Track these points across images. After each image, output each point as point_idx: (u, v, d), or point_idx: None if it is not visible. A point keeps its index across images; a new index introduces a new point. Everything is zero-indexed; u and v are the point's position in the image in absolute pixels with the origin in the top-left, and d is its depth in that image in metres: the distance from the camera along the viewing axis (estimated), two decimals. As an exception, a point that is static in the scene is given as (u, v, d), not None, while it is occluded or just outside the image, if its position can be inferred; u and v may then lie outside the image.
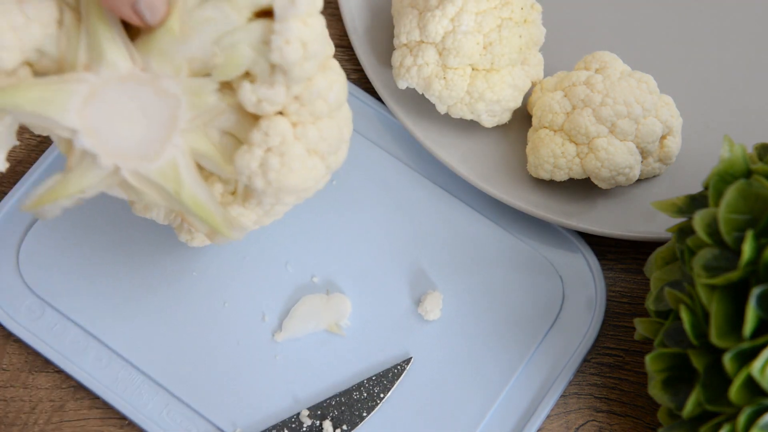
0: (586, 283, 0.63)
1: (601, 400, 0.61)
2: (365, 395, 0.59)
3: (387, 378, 0.59)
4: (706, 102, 0.67)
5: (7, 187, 0.65)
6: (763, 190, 0.48)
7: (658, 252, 0.56)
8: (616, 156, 0.60)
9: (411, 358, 0.60)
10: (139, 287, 0.62)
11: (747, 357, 0.47)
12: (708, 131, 0.66)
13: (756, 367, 0.46)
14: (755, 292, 0.47)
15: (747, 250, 0.47)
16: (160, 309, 0.61)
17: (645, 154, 0.62)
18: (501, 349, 0.61)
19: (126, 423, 0.60)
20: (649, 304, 0.55)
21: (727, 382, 0.48)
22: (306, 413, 0.59)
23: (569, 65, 0.67)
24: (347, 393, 0.59)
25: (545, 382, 0.60)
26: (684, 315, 0.50)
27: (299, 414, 0.59)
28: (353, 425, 0.59)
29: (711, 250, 0.49)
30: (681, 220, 0.61)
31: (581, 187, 0.64)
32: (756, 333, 0.47)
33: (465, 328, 0.62)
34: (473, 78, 0.62)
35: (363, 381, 0.59)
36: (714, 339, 0.48)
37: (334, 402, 0.59)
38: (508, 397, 0.60)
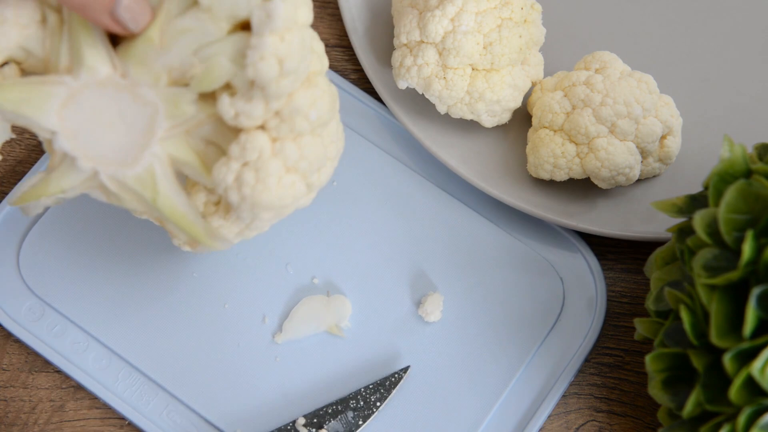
0: (586, 284, 0.63)
1: (601, 400, 0.61)
2: (362, 404, 0.59)
3: (384, 387, 0.59)
4: (706, 102, 0.67)
5: (8, 187, 0.65)
6: (763, 190, 0.48)
7: (658, 252, 0.56)
8: (616, 156, 0.60)
9: (408, 366, 0.60)
10: (140, 289, 0.62)
11: (747, 357, 0.47)
12: (708, 131, 0.66)
13: (756, 367, 0.46)
14: (755, 292, 0.47)
15: (747, 250, 0.47)
16: (160, 310, 0.61)
17: (645, 154, 0.62)
18: (502, 351, 0.61)
19: (126, 423, 0.60)
20: (649, 304, 0.55)
21: (727, 382, 0.48)
22: (302, 421, 0.59)
23: (569, 65, 0.67)
24: (344, 401, 0.59)
25: (546, 382, 0.60)
26: (684, 315, 0.50)
27: (295, 422, 0.59)
28: None
29: (711, 250, 0.49)
30: (681, 220, 0.61)
31: (581, 187, 0.64)
32: (756, 333, 0.47)
33: (466, 329, 0.61)
34: (473, 78, 0.62)
35: (360, 389, 0.59)
36: (714, 339, 0.48)
37: (330, 410, 0.59)
38: (508, 399, 0.60)
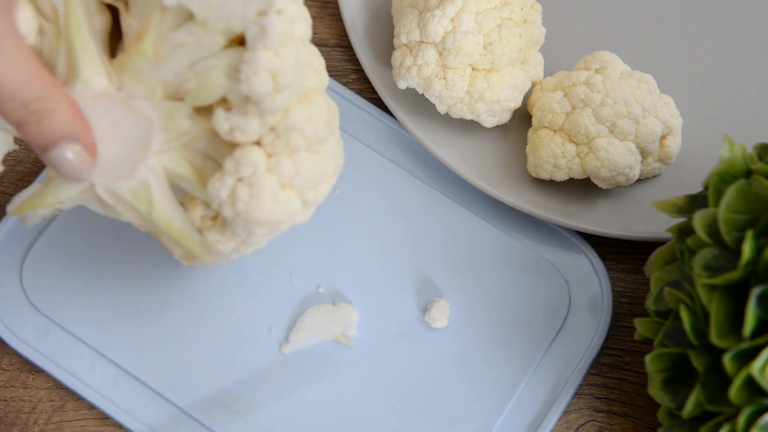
0: (591, 285, 0.62)
1: (601, 400, 0.61)
2: None
3: None
4: (706, 102, 0.67)
5: (8, 187, 0.65)
6: (763, 190, 0.48)
7: (658, 252, 0.56)
8: (616, 156, 0.60)
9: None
10: (145, 303, 0.61)
11: (747, 357, 0.47)
12: (708, 131, 0.66)
13: (756, 367, 0.46)
14: (755, 292, 0.47)
15: (747, 250, 0.47)
16: (166, 324, 0.61)
17: (645, 154, 0.62)
18: (510, 355, 0.61)
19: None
20: (649, 304, 0.55)
21: (727, 382, 0.48)
22: None
23: (569, 65, 0.67)
24: None
25: (556, 385, 0.60)
26: (684, 315, 0.50)
27: None
28: None
29: (711, 250, 0.49)
30: (681, 220, 0.61)
31: (581, 187, 0.64)
32: (756, 333, 0.47)
33: (472, 335, 0.61)
34: (473, 78, 0.62)
35: None
36: (714, 339, 0.48)
37: None
38: (517, 404, 0.60)
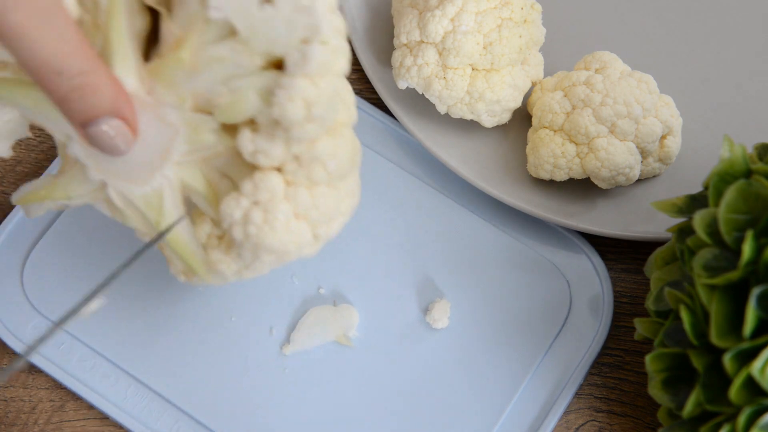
0: (592, 285, 0.62)
1: (601, 400, 0.61)
2: None
3: None
4: (706, 102, 0.67)
5: (7, 187, 0.65)
6: (763, 190, 0.48)
7: (658, 252, 0.56)
8: (616, 156, 0.60)
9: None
10: (145, 304, 0.61)
11: (747, 357, 0.47)
12: (708, 131, 0.66)
13: (756, 367, 0.46)
14: (755, 292, 0.47)
15: (747, 250, 0.47)
16: (167, 325, 0.61)
17: (645, 154, 0.62)
18: (511, 355, 0.61)
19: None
20: (649, 304, 0.55)
21: (727, 382, 0.48)
22: None
23: (569, 65, 0.67)
24: None
25: (556, 385, 0.60)
26: (684, 315, 0.50)
27: None
28: None
29: (711, 250, 0.49)
30: (681, 220, 0.61)
31: (581, 187, 0.64)
32: (756, 333, 0.47)
33: (473, 335, 0.61)
34: (473, 78, 0.62)
35: None
36: (714, 339, 0.48)
37: None
38: (518, 404, 0.60)
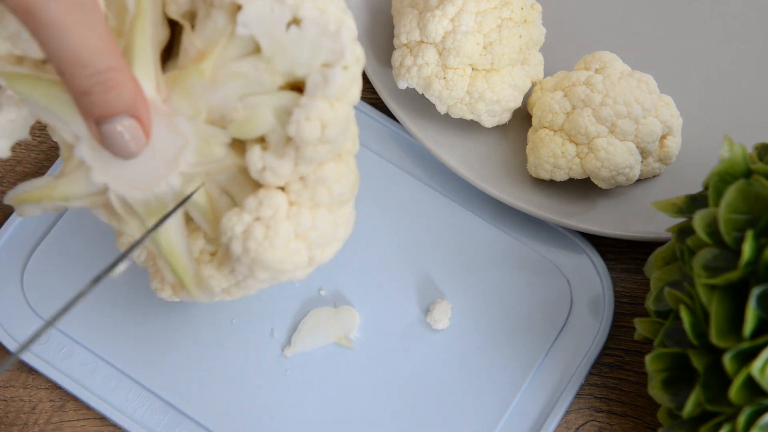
0: (592, 285, 0.62)
1: (601, 400, 0.61)
2: None
3: None
4: (706, 102, 0.67)
5: (7, 187, 0.65)
6: (763, 190, 0.48)
7: (658, 252, 0.56)
8: (616, 156, 0.60)
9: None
10: (146, 307, 0.61)
11: (747, 357, 0.47)
12: (708, 131, 0.66)
13: (756, 367, 0.46)
14: (755, 292, 0.47)
15: (747, 250, 0.47)
16: (168, 328, 0.61)
17: (645, 154, 0.62)
18: (511, 356, 0.61)
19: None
20: (649, 304, 0.55)
21: (727, 382, 0.48)
22: None
23: (569, 65, 0.67)
24: None
25: (557, 385, 0.60)
26: (684, 315, 0.50)
27: None
28: None
29: (711, 250, 0.49)
30: (681, 220, 0.61)
31: (581, 187, 0.64)
32: (756, 333, 0.47)
33: (474, 336, 0.61)
34: (473, 78, 0.62)
35: None
36: (714, 339, 0.48)
37: None
38: (519, 405, 0.60)
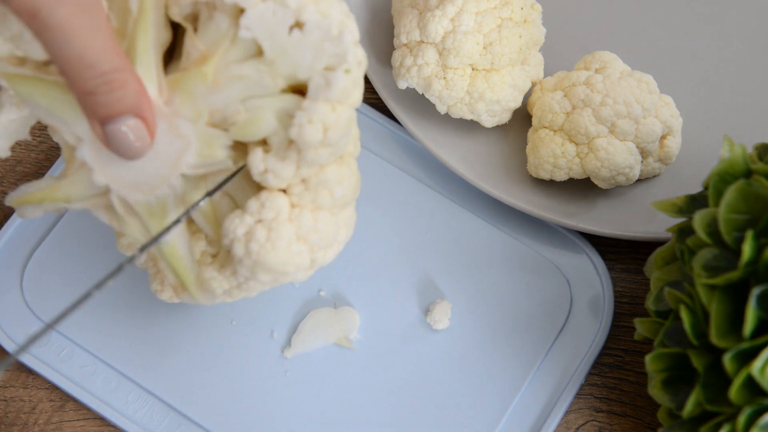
0: (592, 284, 0.62)
1: (601, 400, 0.61)
2: None
3: None
4: (706, 102, 0.67)
5: (8, 187, 0.65)
6: (763, 190, 0.48)
7: (658, 252, 0.56)
8: (616, 156, 0.60)
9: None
10: (146, 309, 0.61)
11: (747, 357, 0.47)
12: (708, 131, 0.66)
13: (756, 367, 0.46)
14: (755, 292, 0.47)
15: (747, 250, 0.47)
16: (167, 330, 0.61)
17: (645, 154, 0.62)
18: (511, 356, 0.61)
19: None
20: (649, 304, 0.55)
21: (727, 382, 0.48)
22: None
23: (569, 65, 0.67)
24: None
25: (557, 385, 0.60)
26: (684, 315, 0.50)
27: None
28: None
29: (711, 250, 0.49)
30: (681, 220, 0.61)
31: (581, 187, 0.64)
32: (756, 333, 0.47)
33: (474, 336, 0.61)
34: (473, 78, 0.62)
35: None
36: (714, 339, 0.48)
37: None
38: (520, 404, 0.60)
